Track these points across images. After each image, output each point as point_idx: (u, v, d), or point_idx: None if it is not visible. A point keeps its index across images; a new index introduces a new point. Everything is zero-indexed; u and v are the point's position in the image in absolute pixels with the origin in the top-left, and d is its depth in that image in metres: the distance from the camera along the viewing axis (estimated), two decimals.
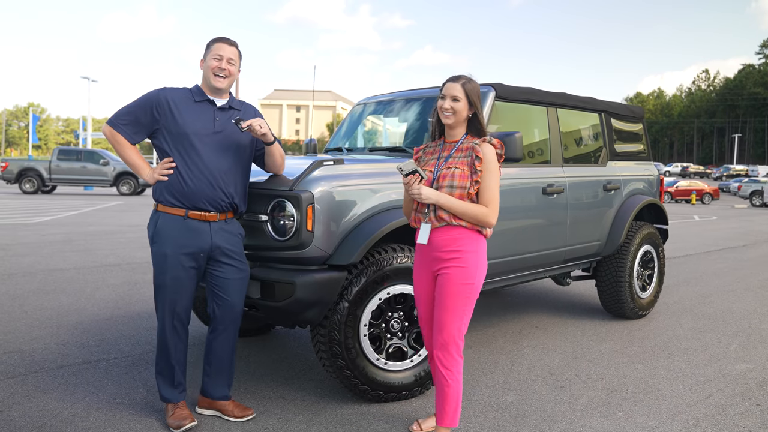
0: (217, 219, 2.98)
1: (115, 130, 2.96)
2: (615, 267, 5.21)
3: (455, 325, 2.71)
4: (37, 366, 3.84)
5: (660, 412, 3.37)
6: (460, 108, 2.73)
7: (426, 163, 2.86)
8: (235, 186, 3.02)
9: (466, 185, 2.67)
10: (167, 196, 2.94)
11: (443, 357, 2.73)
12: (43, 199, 19.42)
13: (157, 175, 2.95)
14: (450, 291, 2.69)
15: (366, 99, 5.23)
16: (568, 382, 3.82)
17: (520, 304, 6.07)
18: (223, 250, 2.99)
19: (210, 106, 3.01)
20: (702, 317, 5.63)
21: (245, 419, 3.12)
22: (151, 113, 2.95)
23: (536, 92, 4.57)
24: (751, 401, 3.56)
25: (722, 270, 8.58)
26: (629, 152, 5.65)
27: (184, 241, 2.92)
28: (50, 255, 8.13)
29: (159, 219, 2.97)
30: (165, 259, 2.93)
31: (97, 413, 3.15)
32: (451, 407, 2.77)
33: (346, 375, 3.25)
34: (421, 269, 2.85)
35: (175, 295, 2.97)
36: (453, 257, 2.69)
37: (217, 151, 2.96)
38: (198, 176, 2.91)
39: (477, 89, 2.76)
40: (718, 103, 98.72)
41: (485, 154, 2.68)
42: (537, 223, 4.42)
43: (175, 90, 3.02)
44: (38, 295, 5.78)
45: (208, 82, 2.99)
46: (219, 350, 3.10)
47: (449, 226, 2.69)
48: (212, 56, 2.98)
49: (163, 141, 2.96)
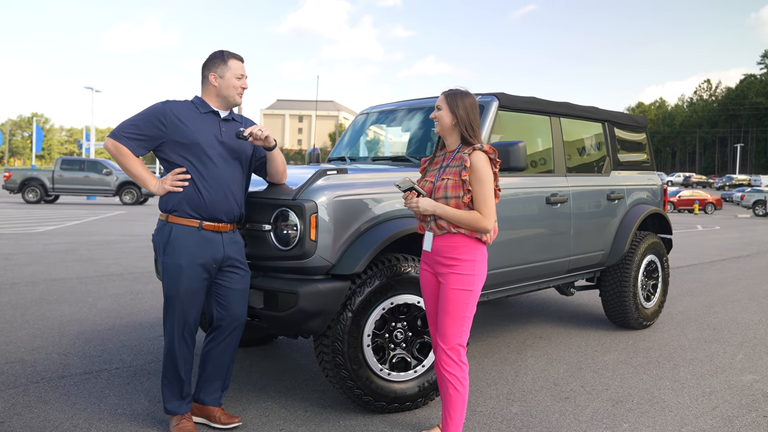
0: (228, 230, 3.01)
1: (119, 143, 2.93)
2: (619, 277, 5.18)
3: (456, 330, 2.79)
4: (38, 376, 3.82)
5: (666, 423, 3.34)
6: (441, 116, 2.85)
7: (430, 173, 2.95)
8: (242, 195, 3.08)
9: (459, 195, 2.75)
10: (184, 207, 2.93)
11: (446, 362, 2.80)
12: (46, 209, 19.45)
13: (168, 186, 2.94)
14: (449, 297, 2.78)
15: (368, 109, 5.23)
16: (572, 393, 3.79)
17: (524, 314, 6.04)
18: (232, 259, 3.02)
19: (215, 117, 3.04)
20: (707, 327, 5.60)
21: (231, 426, 3.12)
22: (156, 126, 2.94)
23: (539, 102, 4.56)
24: (758, 412, 3.52)
25: (726, 280, 8.54)
26: (633, 162, 5.64)
27: (200, 252, 2.93)
28: (53, 264, 8.12)
29: (172, 230, 2.95)
30: (180, 271, 2.91)
31: (98, 424, 3.13)
32: (457, 414, 2.81)
33: (349, 386, 3.22)
34: (427, 271, 2.96)
35: (188, 307, 2.96)
36: (452, 264, 2.79)
37: (227, 162, 3.00)
38: (214, 187, 2.94)
39: (463, 100, 2.83)
40: (720, 113, 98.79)
41: (472, 163, 2.74)
42: (540, 233, 4.40)
43: (179, 103, 3.03)
44: (40, 304, 5.77)
45: (232, 99, 3.05)
46: (218, 358, 3.10)
47: (449, 234, 2.79)
48: (234, 75, 3.02)
49: (172, 153, 2.95)
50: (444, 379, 2.81)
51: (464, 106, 2.82)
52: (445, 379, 2.81)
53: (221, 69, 3.02)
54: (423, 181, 2.93)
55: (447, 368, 2.80)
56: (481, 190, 2.73)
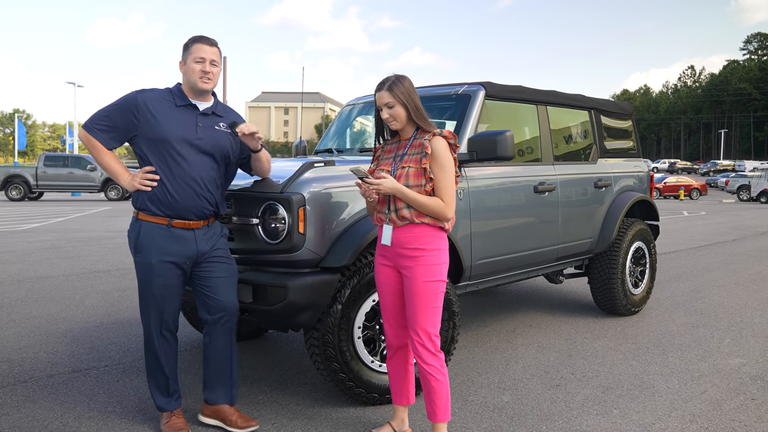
0: (200, 226, 2.91)
1: (90, 135, 2.83)
2: (607, 264, 5.21)
3: (429, 321, 2.70)
4: (26, 375, 3.78)
5: (656, 408, 3.37)
6: (398, 112, 2.70)
7: (384, 162, 2.84)
8: (217, 191, 2.95)
9: (421, 183, 2.65)
10: (150, 206, 2.84)
11: (424, 355, 2.71)
12: (30, 206, 19.24)
13: (136, 183, 2.84)
14: (418, 289, 2.67)
15: (355, 100, 5.20)
16: (563, 380, 3.81)
17: (513, 303, 6.06)
18: (208, 254, 2.93)
19: (193, 111, 2.89)
20: (694, 312, 5.65)
21: (248, 430, 3.00)
22: (128, 118, 2.82)
23: (526, 90, 4.56)
24: (745, 396, 3.56)
25: (712, 265, 8.62)
26: (619, 149, 5.66)
27: (169, 249, 2.84)
28: (38, 262, 8.04)
29: (141, 228, 2.88)
30: (150, 269, 2.85)
31: (88, 422, 3.11)
32: (442, 402, 2.74)
33: (340, 378, 3.22)
34: (385, 266, 2.82)
35: (162, 304, 2.89)
36: (416, 255, 2.67)
37: (201, 159, 2.85)
38: (182, 186, 2.81)
39: (406, 86, 2.71)
40: (704, 99, 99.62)
41: (434, 149, 2.65)
42: (529, 222, 4.41)
43: (154, 92, 2.89)
44: (26, 303, 5.71)
45: (194, 86, 2.87)
46: (216, 355, 3.01)
47: (411, 224, 2.68)
48: (193, 59, 2.84)
49: (143, 147, 2.85)
50: (424, 372, 2.71)
51: (407, 92, 2.70)
52: (425, 372, 2.71)
53: (185, 55, 2.89)
54: (378, 170, 2.78)
55: (427, 361, 2.70)
56: (443, 177, 2.65)
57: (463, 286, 4.00)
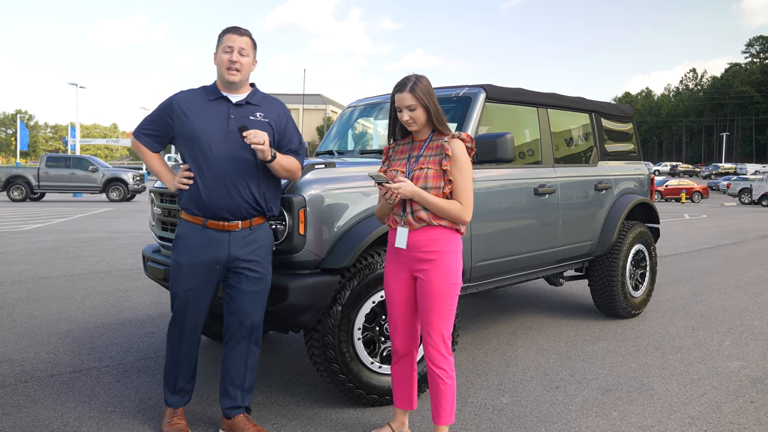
0: (239, 228, 2.83)
1: (137, 140, 2.97)
2: (607, 266, 5.22)
3: (444, 324, 2.68)
4: (27, 375, 3.79)
5: (655, 410, 3.37)
6: (419, 115, 2.66)
7: (396, 162, 2.80)
8: (259, 188, 2.84)
9: (440, 185, 2.63)
10: (189, 205, 2.86)
11: (436, 358, 2.70)
12: (32, 207, 19.27)
13: (176, 183, 2.87)
14: (434, 292, 2.65)
15: (356, 102, 5.22)
16: (563, 382, 3.82)
17: (514, 305, 6.07)
18: (243, 260, 2.84)
19: (225, 104, 2.84)
20: (694, 315, 5.65)
21: None
22: (165, 120, 2.88)
23: (526, 93, 4.57)
24: (745, 398, 3.56)
25: (713, 268, 8.62)
26: (620, 152, 5.67)
27: (199, 252, 2.82)
28: (39, 263, 8.05)
29: (180, 227, 2.91)
30: (180, 269, 2.85)
31: (89, 422, 3.12)
32: (448, 405, 2.74)
33: (340, 379, 3.23)
34: (398, 270, 2.77)
35: (184, 304, 2.87)
36: (433, 258, 2.64)
37: (234, 153, 2.77)
38: (213, 184, 2.77)
39: (426, 86, 2.67)
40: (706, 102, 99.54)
41: (454, 151, 2.63)
42: (529, 224, 4.42)
43: (190, 92, 2.90)
44: (28, 303, 5.72)
45: (222, 77, 2.83)
46: (231, 366, 2.94)
47: (429, 226, 2.65)
48: (222, 49, 2.81)
49: (180, 147, 2.89)
50: (433, 374, 2.71)
51: (428, 93, 2.65)
52: (434, 374, 2.70)
53: (217, 46, 2.86)
54: (391, 171, 2.76)
55: (438, 364, 2.69)
56: (462, 180, 2.63)
57: (464, 288, 4.00)
